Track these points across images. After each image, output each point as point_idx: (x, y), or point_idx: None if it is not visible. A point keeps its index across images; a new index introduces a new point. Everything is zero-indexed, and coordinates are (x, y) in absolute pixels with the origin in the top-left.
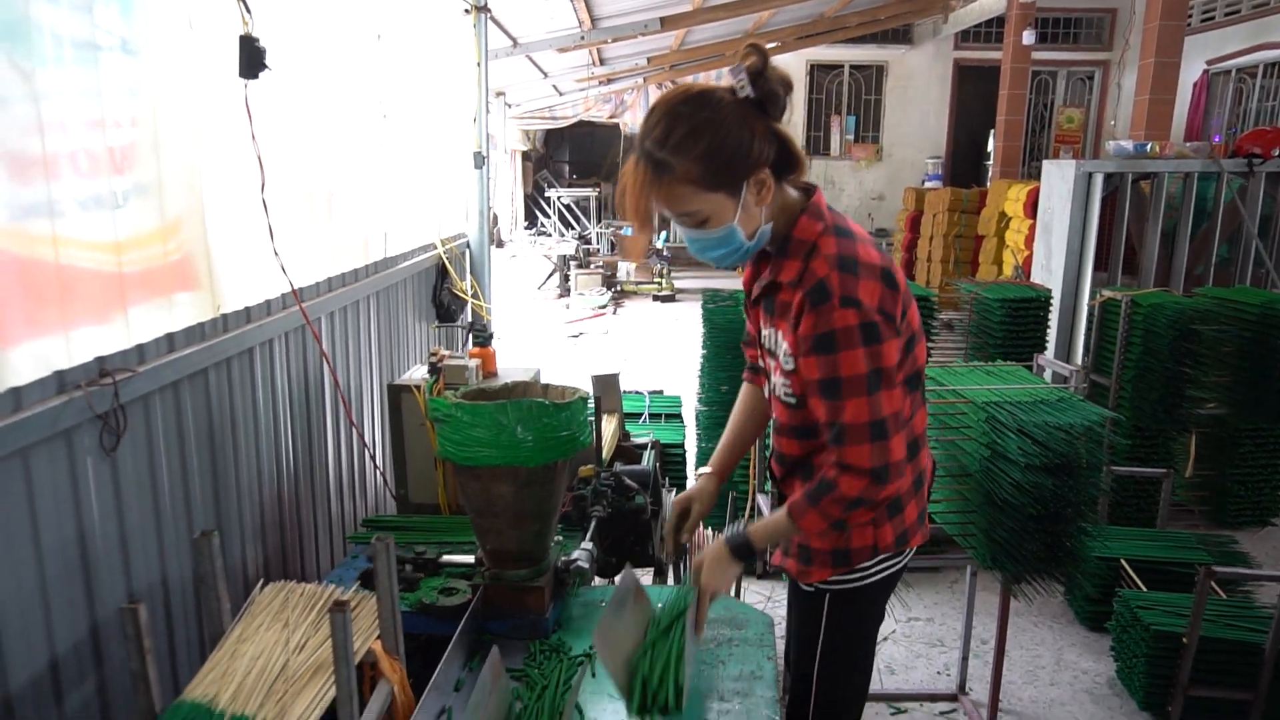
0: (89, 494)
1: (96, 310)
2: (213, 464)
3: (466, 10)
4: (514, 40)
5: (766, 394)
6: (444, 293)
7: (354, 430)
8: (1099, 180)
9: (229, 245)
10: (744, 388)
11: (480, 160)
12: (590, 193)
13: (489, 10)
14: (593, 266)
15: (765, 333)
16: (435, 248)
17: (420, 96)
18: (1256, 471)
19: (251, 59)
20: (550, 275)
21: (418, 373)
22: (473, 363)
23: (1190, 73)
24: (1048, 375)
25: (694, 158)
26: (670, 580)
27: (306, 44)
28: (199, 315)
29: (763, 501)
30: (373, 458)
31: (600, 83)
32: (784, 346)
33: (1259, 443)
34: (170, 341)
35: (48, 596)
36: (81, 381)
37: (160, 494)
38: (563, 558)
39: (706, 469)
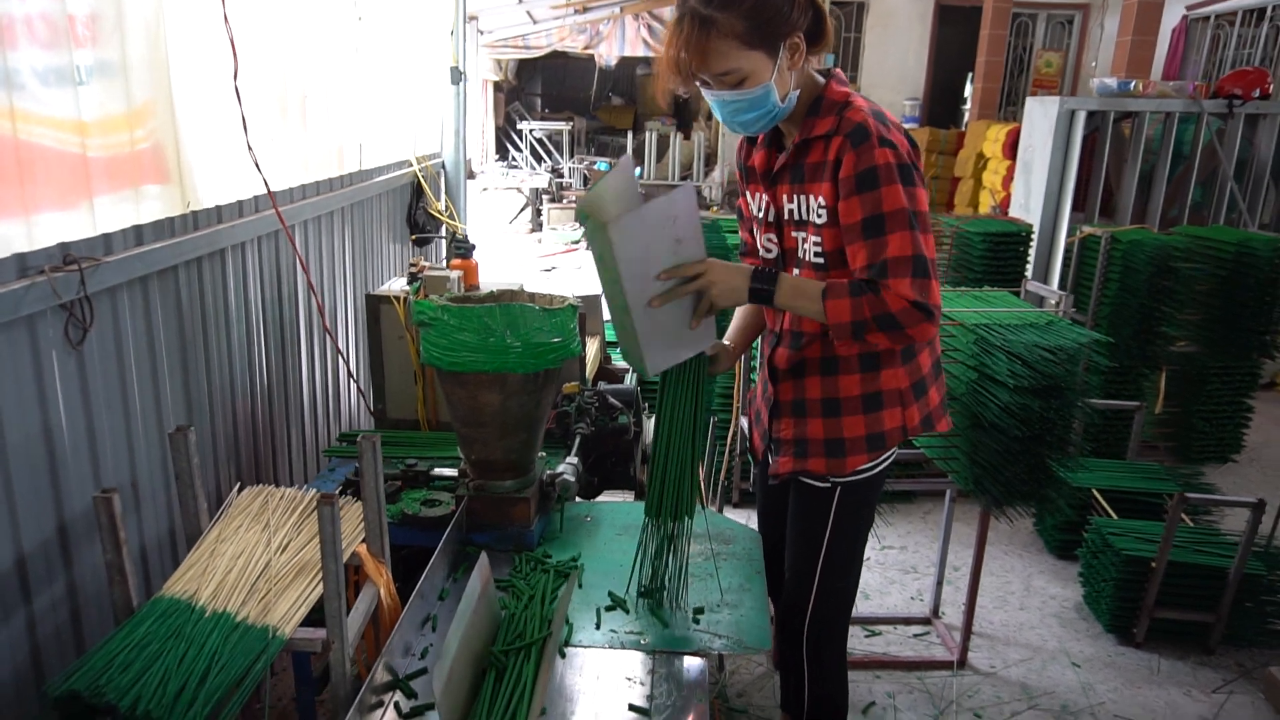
0: (55, 388)
1: (60, 195)
2: (183, 367)
3: None
4: None
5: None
6: (419, 212)
7: (329, 339)
8: (1081, 118)
9: (200, 139)
10: None
11: (457, 76)
12: (563, 126)
13: None
14: (565, 201)
15: (790, 207)
16: (410, 165)
17: (396, 3)
18: (1222, 408)
19: None
20: (522, 209)
21: (396, 284)
22: (454, 274)
23: (1170, 18)
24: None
25: (739, 13)
26: None
27: None
28: (168, 210)
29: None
30: (350, 372)
31: (576, 11)
32: (816, 204)
33: (1226, 380)
34: (138, 234)
35: (13, 491)
36: (45, 266)
37: (129, 393)
38: (548, 472)
39: (724, 341)
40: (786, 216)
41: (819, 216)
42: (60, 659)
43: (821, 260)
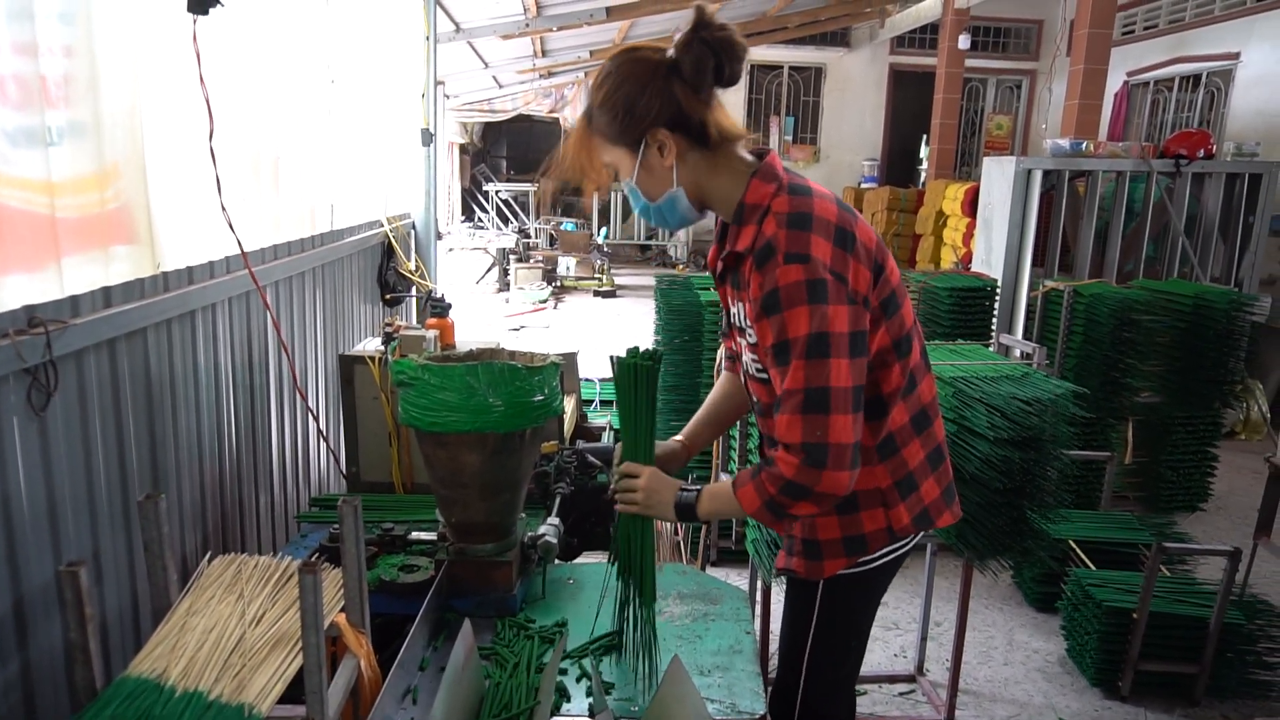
0: (15, 455)
1: (26, 256)
2: (150, 432)
3: None
4: (457, 25)
5: (743, 378)
6: (390, 272)
7: (300, 400)
8: (1037, 177)
9: (170, 198)
10: (722, 375)
11: (428, 138)
12: (529, 188)
13: None
14: (532, 261)
15: (734, 310)
16: (381, 225)
17: (368, 67)
18: (1188, 458)
19: None
20: (489, 269)
21: (369, 345)
22: (430, 333)
23: (1112, 83)
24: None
25: (600, 108)
26: None
27: None
28: (137, 271)
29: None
30: (322, 435)
31: (541, 75)
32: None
33: (1190, 430)
34: (107, 296)
35: None
36: (9, 329)
37: (93, 461)
38: (529, 533)
39: (678, 438)
40: (732, 319)
41: (751, 336)
42: None
43: (765, 377)
